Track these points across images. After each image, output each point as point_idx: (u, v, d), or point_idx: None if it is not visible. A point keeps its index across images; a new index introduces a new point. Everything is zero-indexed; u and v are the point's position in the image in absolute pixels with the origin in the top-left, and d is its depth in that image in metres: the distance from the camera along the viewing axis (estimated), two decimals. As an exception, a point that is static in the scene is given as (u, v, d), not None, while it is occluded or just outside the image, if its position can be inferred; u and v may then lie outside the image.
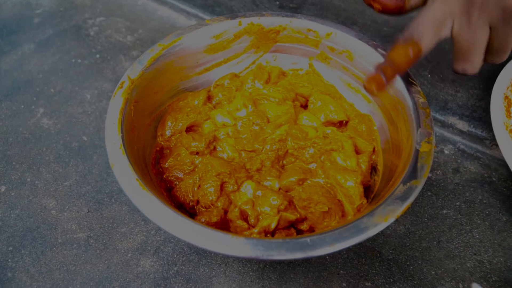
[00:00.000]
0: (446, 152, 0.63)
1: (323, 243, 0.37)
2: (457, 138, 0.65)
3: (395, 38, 0.46)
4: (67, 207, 0.57)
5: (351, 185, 0.49)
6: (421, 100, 0.49)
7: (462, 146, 0.64)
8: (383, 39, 0.79)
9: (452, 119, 0.67)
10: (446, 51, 0.73)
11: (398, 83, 0.51)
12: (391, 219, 0.39)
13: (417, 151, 0.44)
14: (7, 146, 0.64)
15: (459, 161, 0.62)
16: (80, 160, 0.62)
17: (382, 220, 0.39)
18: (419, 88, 0.50)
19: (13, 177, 0.60)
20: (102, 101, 0.70)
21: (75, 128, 0.67)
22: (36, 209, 0.57)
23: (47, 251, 0.53)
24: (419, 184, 0.41)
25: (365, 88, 0.45)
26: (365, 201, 0.49)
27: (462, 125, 0.66)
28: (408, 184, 0.41)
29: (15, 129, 0.66)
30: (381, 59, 0.54)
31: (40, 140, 0.65)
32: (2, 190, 0.59)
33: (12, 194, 0.58)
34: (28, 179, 0.60)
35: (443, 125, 0.66)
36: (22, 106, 0.70)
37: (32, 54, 0.79)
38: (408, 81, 0.51)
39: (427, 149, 0.44)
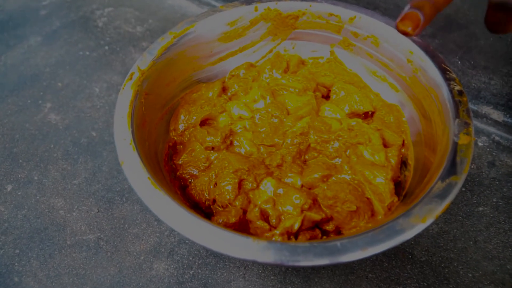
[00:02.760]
0: (480, 144, 0.59)
1: (354, 247, 0.34)
2: (491, 129, 0.60)
3: None
4: (76, 206, 0.54)
5: (381, 182, 0.45)
6: (457, 87, 0.44)
7: (497, 138, 0.59)
8: (408, 24, 0.75)
9: (486, 109, 0.62)
10: (477, 37, 0.68)
11: (431, 70, 0.47)
12: (429, 220, 0.35)
13: (455, 144, 0.40)
14: (14, 143, 0.61)
15: (494, 153, 0.57)
16: (89, 157, 0.59)
17: (420, 221, 0.35)
18: (454, 75, 0.46)
19: (19, 176, 0.57)
20: (112, 95, 0.67)
21: (83, 123, 0.63)
22: (44, 209, 0.54)
23: (55, 254, 0.50)
24: (459, 181, 0.37)
25: (398, 29, 0.38)
26: (396, 199, 0.45)
27: (497, 115, 0.62)
28: (447, 180, 0.37)
29: (21, 125, 0.64)
30: (410, 44, 0.49)
31: (48, 136, 0.62)
32: (9, 189, 0.56)
33: (19, 193, 0.56)
34: (35, 178, 0.57)
35: (477, 115, 0.62)
36: (29, 101, 0.67)
37: (39, 47, 0.76)
38: (442, 68, 0.46)
39: (466, 142, 0.40)
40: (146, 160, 0.42)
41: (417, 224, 0.35)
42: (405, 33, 0.38)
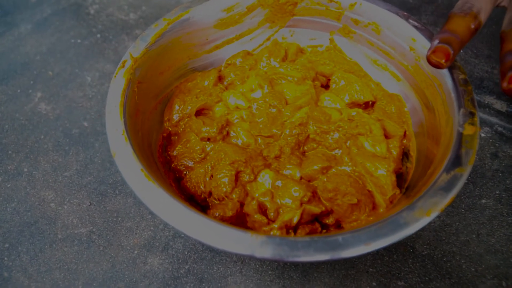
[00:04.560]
0: (482, 135, 0.57)
1: (357, 241, 0.33)
2: (494, 119, 0.59)
3: (450, 12, 0.41)
4: (67, 199, 0.53)
5: (382, 174, 0.44)
6: (462, 76, 0.43)
7: (500, 129, 0.58)
8: (409, 11, 0.72)
9: (488, 99, 0.61)
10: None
11: (434, 57, 0.45)
12: (434, 213, 0.34)
13: (460, 135, 0.38)
14: (3, 134, 0.59)
15: (497, 145, 0.56)
16: (81, 148, 0.58)
17: (424, 214, 0.34)
18: (458, 63, 0.44)
19: (9, 167, 0.56)
20: (104, 84, 0.65)
21: (75, 113, 0.62)
22: (34, 202, 0.52)
23: (46, 248, 0.49)
24: (465, 172, 0.36)
25: (431, 61, 0.39)
26: (398, 191, 0.44)
27: (500, 105, 0.60)
28: (452, 172, 0.36)
29: (11, 115, 0.61)
30: (413, 31, 0.48)
31: (38, 126, 0.60)
32: (-3, 181, 0.54)
33: (8, 186, 0.54)
34: (25, 170, 0.55)
35: (479, 105, 0.60)
36: (19, 91, 0.65)
37: (29, 35, 0.74)
38: (446, 56, 0.45)
39: (471, 132, 0.38)
40: (139, 151, 0.40)
41: (421, 217, 0.34)
42: (438, 65, 0.39)
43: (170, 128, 0.51)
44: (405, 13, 0.50)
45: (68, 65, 0.68)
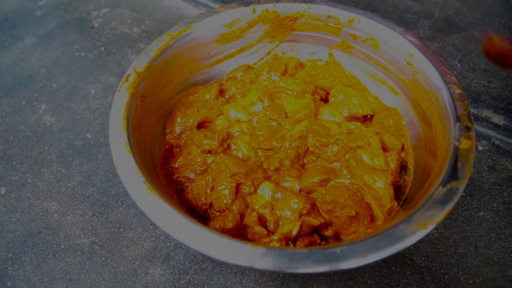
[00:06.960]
0: (480, 148, 0.58)
1: (354, 254, 0.33)
2: (491, 133, 0.60)
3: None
4: (70, 210, 0.53)
5: (380, 186, 0.45)
6: (458, 91, 0.44)
7: (497, 142, 0.59)
8: (407, 26, 0.74)
9: (486, 112, 0.62)
10: (476, 39, 0.68)
11: (431, 72, 0.47)
12: (431, 226, 0.35)
13: (456, 149, 0.39)
14: (7, 145, 0.60)
15: (494, 158, 0.57)
16: (84, 159, 0.58)
17: (421, 227, 0.34)
18: (454, 78, 0.45)
19: (13, 178, 0.57)
20: (108, 97, 0.66)
21: (79, 125, 0.63)
22: (38, 213, 0.53)
23: (49, 258, 0.49)
24: (461, 186, 0.37)
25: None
26: (396, 204, 0.44)
27: (497, 118, 0.61)
28: (448, 185, 0.37)
29: (15, 126, 0.63)
30: (410, 47, 0.49)
31: (42, 138, 0.61)
32: (2, 192, 0.55)
33: (12, 196, 0.55)
34: (29, 180, 0.56)
35: (476, 118, 0.61)
36: (24, 103, 0.66)
37: (34, 48, 0.75)
38: (442, 71, 0.46)
39: (467, 146, 0.39)
40: (142, 163, 0.41)
41: (418, 230, 0.34)
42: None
43: (172, 141, 0.52)
44: (402, 28, 0.51)
45: (72, 78, 0.69)
